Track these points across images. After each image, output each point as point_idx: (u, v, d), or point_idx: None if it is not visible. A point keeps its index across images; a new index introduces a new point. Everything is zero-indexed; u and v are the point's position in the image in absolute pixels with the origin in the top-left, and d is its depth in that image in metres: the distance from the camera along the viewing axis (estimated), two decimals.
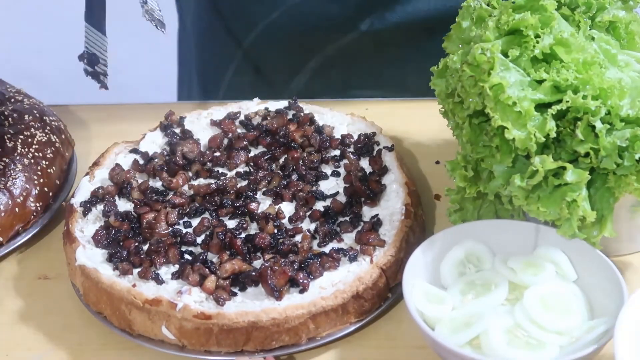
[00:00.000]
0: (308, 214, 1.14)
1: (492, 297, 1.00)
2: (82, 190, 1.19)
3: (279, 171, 1.21)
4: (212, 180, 1.20)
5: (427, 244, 1.05)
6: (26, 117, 1.28)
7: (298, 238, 1.10)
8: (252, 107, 1.35)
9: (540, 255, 1.04)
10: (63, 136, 1.31)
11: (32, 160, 1.22)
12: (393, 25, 1.42)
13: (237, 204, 1.15)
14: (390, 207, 1.14)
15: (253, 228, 1.13)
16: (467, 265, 1.06)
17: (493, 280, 1.02)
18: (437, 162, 1.30)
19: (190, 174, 1.22)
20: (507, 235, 1.07)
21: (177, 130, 1.29)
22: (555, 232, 1.02)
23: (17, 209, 1.18)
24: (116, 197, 1.18)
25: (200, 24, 1.58)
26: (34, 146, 1.24)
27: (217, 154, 1.25)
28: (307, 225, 1.13)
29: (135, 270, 1.06)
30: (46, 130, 1.27)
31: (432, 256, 1.05)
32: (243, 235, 1.11)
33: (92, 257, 1.09)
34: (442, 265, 1.06)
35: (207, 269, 1.05)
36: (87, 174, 1.23)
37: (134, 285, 1.04)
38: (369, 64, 1.48)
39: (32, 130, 1.26)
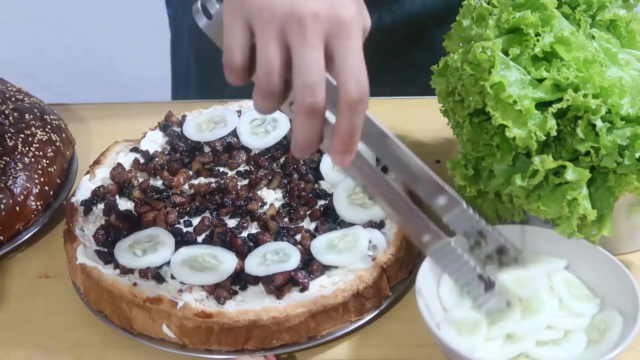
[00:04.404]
0: (308, 213, 1.14)
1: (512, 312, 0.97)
2: (83, 189, 1.19)
3: (280, 170, 1.21)
4: (213, 179, 1.20)
5: (423, 269, 1.01)
6: (27, 116, 1.28)
7: (298, 237, 1.10)
8: (252, 105, 1.34)
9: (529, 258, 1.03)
10: (64, 135, 1.31)
11: (33, 159, 1.22)
12: (401, 18, 1.42)
13: (238, 203, 1.15)
14: None
15: (254, 227, 1.13)
16: None
17: None
18: (438, 161, 1.29)
19: (191, 172, 1.22)
20: None
21: (178, 130, 1.29)
22: (542, 232, 1.02)
23: (17, 208, 1.18)
24: (117, 196, 1.18)
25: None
26: (34, 145, 1.24)
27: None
28: (308, 224, 1.13)
29: (136, 269, 1.07)
30: (47, 129, 1.27)
31: (429, 279, 1.01)
32: (244, 234, 1.11)
33: (92, 256, 1.09)
34: (441, 290, 1.02)
35: None
36: (88, 172, 1.23)
37: (134, 284, 1.04)
38: (375, 62, 1.48)
39: (33, 129, 1.26)
